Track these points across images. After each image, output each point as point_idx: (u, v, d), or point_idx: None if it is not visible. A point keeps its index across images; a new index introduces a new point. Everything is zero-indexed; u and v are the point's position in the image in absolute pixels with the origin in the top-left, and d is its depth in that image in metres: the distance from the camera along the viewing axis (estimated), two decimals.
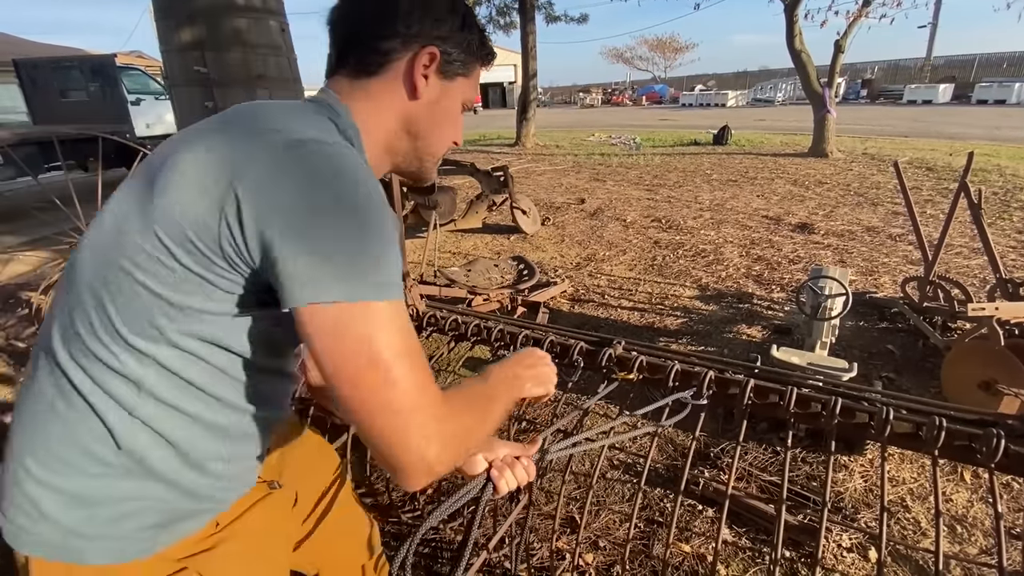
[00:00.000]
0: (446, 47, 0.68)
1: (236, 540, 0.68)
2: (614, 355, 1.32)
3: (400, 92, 0.67)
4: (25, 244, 5.10)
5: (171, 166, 0.55)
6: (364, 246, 0.52)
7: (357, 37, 0.66)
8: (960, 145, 9.54)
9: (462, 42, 0.69)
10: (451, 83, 0.71)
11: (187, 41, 4.99)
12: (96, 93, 8.49)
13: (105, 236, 0.58)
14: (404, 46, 0.66)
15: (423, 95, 0.68)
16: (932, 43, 30.49)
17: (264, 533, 0.73)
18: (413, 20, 0.65)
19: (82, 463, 0.57)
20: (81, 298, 0.58)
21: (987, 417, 1.03)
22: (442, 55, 0.67)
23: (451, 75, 0.70)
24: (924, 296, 2.88)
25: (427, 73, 0.67)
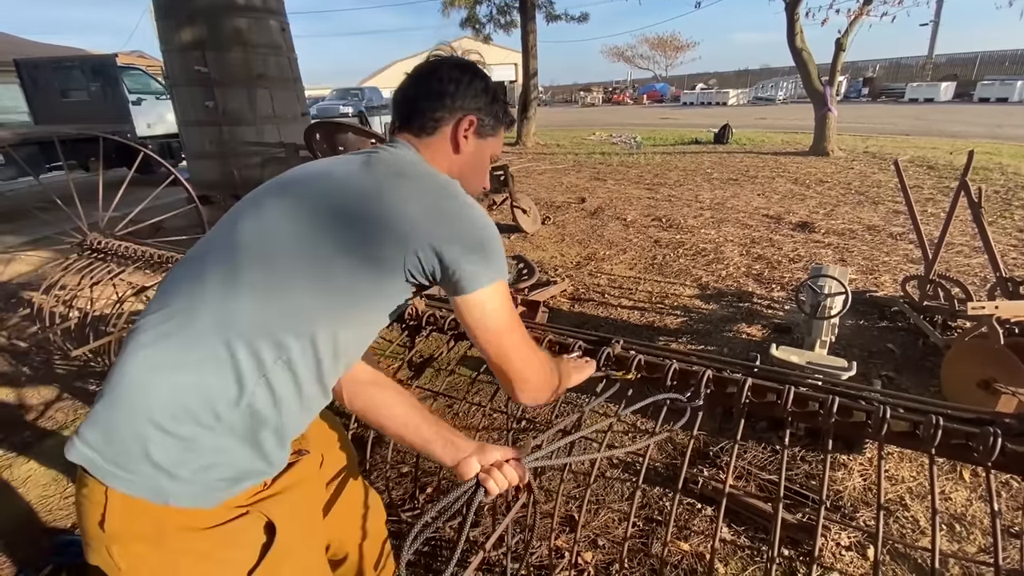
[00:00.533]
0: (481, 116, 0.93)
1: (285, 492, 0.81)
2: (612, 354, 1.32)
3: (449, 148, 0.92)
4: (27, 244, 5.11)
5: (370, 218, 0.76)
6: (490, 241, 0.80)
7: (418, 109, 0.91)
8: (961, 143, 9.52)
9: (492, 112, 0.94)
10: (484, 141, 0.96)
11: (188, 41, 5.00)
12: (97, 93, 8.50)
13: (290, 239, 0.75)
14: (451, 116, 0.91)
15: (464, 151, 0.92)
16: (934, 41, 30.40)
17: (303, 488, 0.86)
18: (458, 99, 0.90)
19: (200, 413, 0.68)
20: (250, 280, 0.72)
21: (984, 416, 1.03)
22: (478, 121, 0.92)
23: (484, 135, 0.95)
24: (924, 295, 2.88)
25: (467, 135, 0.92)
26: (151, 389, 0.68)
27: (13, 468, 2.12)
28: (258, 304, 0.72)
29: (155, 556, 0.69)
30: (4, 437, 2.31)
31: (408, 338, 1.71)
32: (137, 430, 0.67)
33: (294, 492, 0.82)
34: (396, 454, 2.10)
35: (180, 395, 0.68)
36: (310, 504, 0.89)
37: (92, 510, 0.69)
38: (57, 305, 2.72)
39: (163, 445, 0.67)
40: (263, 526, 0.76)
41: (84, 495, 0.70)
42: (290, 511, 0.80)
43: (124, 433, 0.68)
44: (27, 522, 1.84)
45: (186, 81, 5.16)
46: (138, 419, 0.67)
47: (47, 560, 1.66)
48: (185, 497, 0.69)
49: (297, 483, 0.83)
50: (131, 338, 0.72)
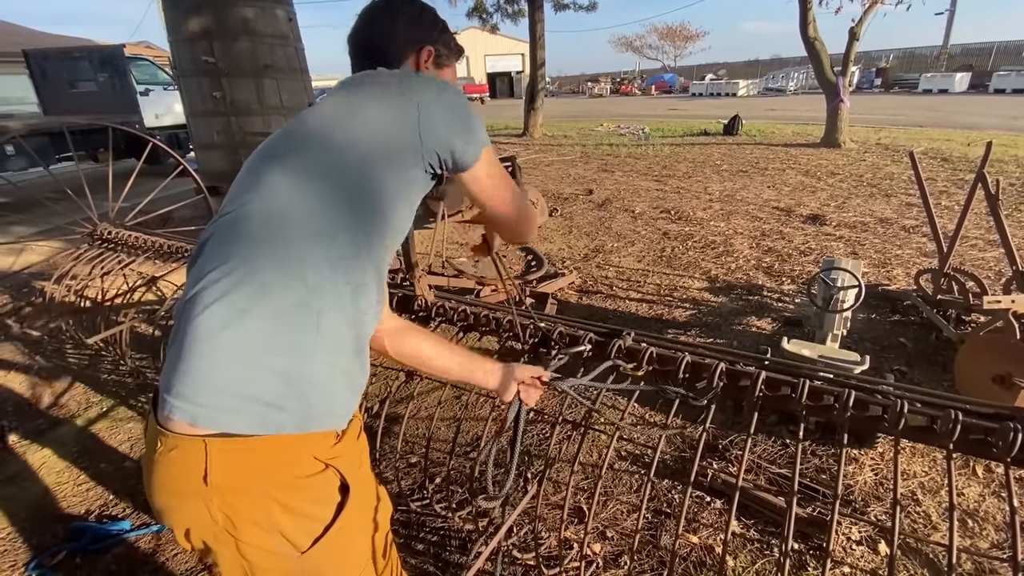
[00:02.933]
0: (436, 46, 0.99)
1: (347, 454, 0.85)
2: (624, 346, 1.31)
3: None
4: (38, 234, 5.15)
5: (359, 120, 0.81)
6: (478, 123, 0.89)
7: (378, 50, 0.95)
8: (977, 135, 9.36)
9: (446, 41, 1.01)
10: (442, 71, 1.01)
11: (195, 31, 4.99)
12: (105, 83, 8.52)
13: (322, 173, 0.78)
14: (411, 48, 0.96)
15: None
16: (949, 30, 29.82)
17: (356, 450, 0.91)
18: (414, 30, 0.97)
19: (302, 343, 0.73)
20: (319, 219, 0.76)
21: (1003, 411, 1.01)
22: (435, 50, 0.98)
23: (441, 65, 1.01)
24: (938, 288, 2.84)
25: (427, 65, 0.98)
26: (235, 337, 0.70)
27: (27, 455, 2.14)
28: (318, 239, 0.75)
29: (252, 505, 0.73)
30: (18, 425, 2.34)
31: None
32: (233, 374, 0.70)
33: (353, 456, 0.87)
34: (405, 444, 2.11)
35: (265, 336, 0.71)
36: (362, 467, 0.93)
37: (192, 467, 0.70)
38: (68, 295, 2.74)
39: (263, 381, 0.71)
40: (338, 485, 0.80)
41: (174, 457, 0.71)
42: (354, 474, 0.84)
43: (220, 379, 0.70)
44: (41, 509, 1.87)
45: (194, 71, 5.15)
46: (232, 364, 0.70)
47: (61, 547, 1.68)
48: (287, 424, 0.72)
49: (352, 448, 0.88)
50: (194, 300, 0.72)
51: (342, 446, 0.84)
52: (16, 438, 2.25)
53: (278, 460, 0.74)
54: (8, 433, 2.27)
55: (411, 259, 1.69)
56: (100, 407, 2.45)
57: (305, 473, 0.77)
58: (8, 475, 2.04)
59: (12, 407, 2.49)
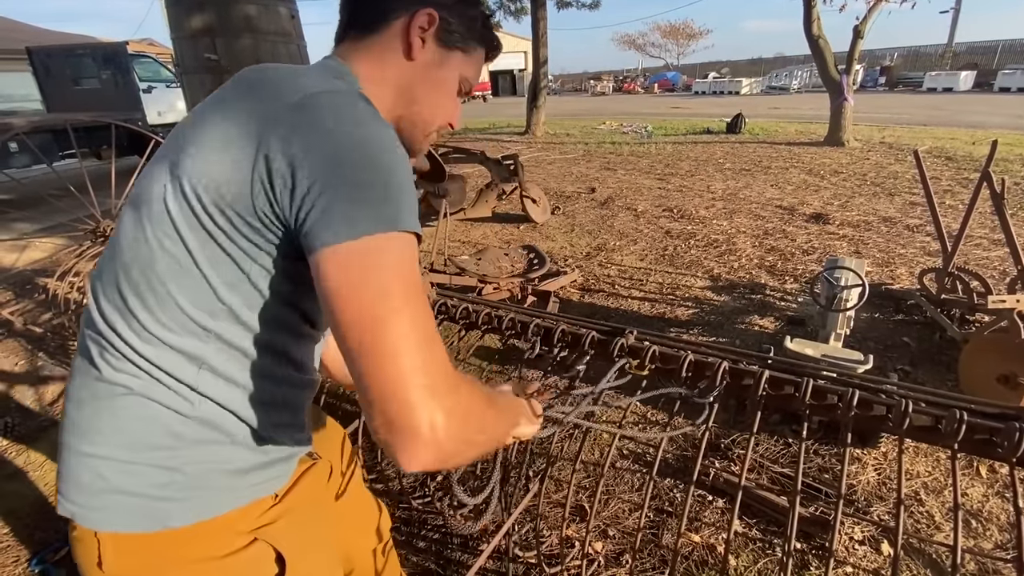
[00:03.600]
0: (446, 14, 0.68)
1: (295, 511, 0.71)
2: (626, 345, 1.31)
3: (398, 51, 0.68)
4: (41, 231, 5.16)
5: (193, 141, 0.56)
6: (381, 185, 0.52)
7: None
8: (982, 134, 9.31)
9: (463, 15, 0.70)
10: (449, 53, 0.71)
11: (198, 28, 4.99)
12: (108, 81, 8.53)
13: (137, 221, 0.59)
14: (403, 5, 0.67)
15: (418, 56, 0.68)
16: (954, 29, 29.71)
17: (315, 503, 0.76)
18: None
19: (156, 436, 0.60)
20: (132, 280, 0.59)
21: (1008, 411, 1.01)
22: (441, 20, 0.68)
23: (449, 44, 0.71)
24: (942, 288, 2.82)
25: (424, 36, 0.68)
26: (93, 428, 0.61)
27: (29, 452, 2.15)
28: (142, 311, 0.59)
29: None
30: (20, 422, 2.35)
31: None
32: (98, 470, 0.60)
33: (304, 511, 0.72)
34: None
35: (123, 430, 0.60)
36: (321, 523, 0.78)
37: (86, 553, 0.63)
38: (72, 291, 2.74)
39: (135, 475, 0.60)
40: (273, 559, 0.67)
41: (76, 539, 0.64)
42: (299, 537, 0.70)
43: (88, 476, 0.61)
44: (44, 505, 1.88)
45: (196, 68, 5.15)
46: (94, 460, 0.60)
47: (63, 543, 1.69)
48: (182, 514, 0.61)
49: (306, 500, 0.74)
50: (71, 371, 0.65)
51: (289, 501, 0.70)
52: (18, 436, 2.26)
53: (184, 544, 0.62)
54: (11, 430, 2.27)
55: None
56: None
57: (223, 551, 0.64)
58: (11, 472, 2.05)
59: (15, 404, 2.50)
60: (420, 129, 0.74)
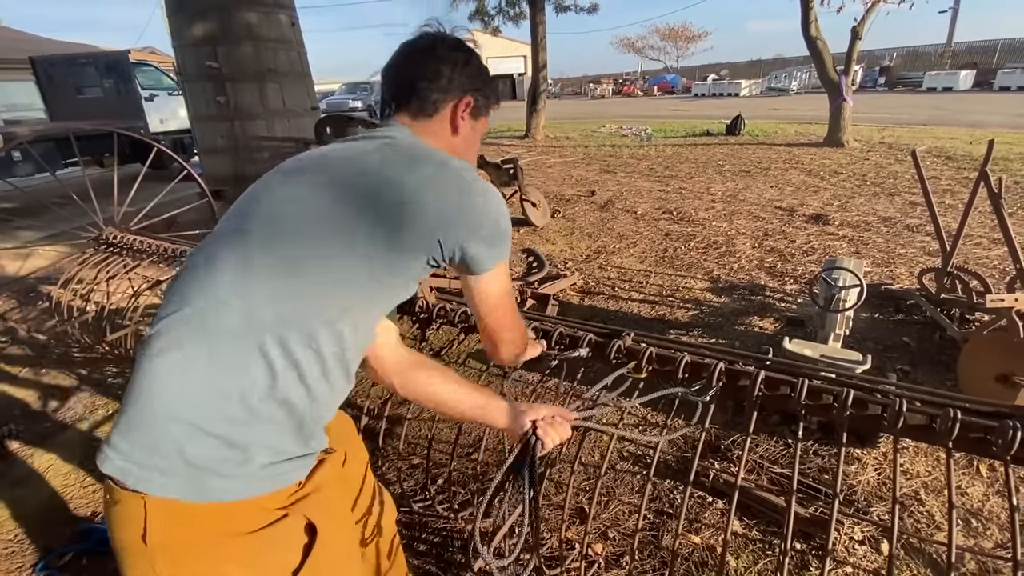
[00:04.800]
0: (477, 95, 0.93)
1: (321, 489, 0.81)
2: (623, 347, 1.32)
3: (447, 129, 0.92)
4: (44, 238, 5.19)
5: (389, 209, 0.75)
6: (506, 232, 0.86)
7: (416, 90, 0.89)
8: (981, 133, 9.30)
9: (486, 92, 0.95)
10: (478, 121, 0.97)
11: (199, 36, 5.03)
12: (111, 89, 8.59)
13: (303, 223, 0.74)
14: (449, 97, 0.90)
15: (461, 132, 0.93)
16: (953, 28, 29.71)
17: (331, 488, 0.85)
18: (455, 81, 0.90)
19: (233, 411, 0.68)
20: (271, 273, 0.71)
21: (1003, 409, 1.01)
22: (474, 102, 0.93)
23: (478, 115, 0.96)
24: (941, 287, 2.83)
25: (464, 115, 0.92)
26: (179, 393, 0.67)
27: (34, 458, 2.16)
28: (277, 295, 0.70)
29: (202, 564, 0.68)
30: (25, 428, 2.36)
31: (419, 331, 1.71)
32: (172, 434, 0.66)
33: (326, 491, 0.81)
34: (407, 446, 2.12)
35: (210, 396, 0.67)
36: (342, 503, 0.89)
37: (131, 524, 0.67)
38: (74, 298, 2.76)
39: (201, 444, 0.67)
40: (304, 527, 0.75)
41: (119, 511, 0.68)
42: (326, 511, 0.79)
43: (158, 438, 0.66)
44: (48, 511, 1.89)
45: (198, 76, 5.19)
46: (171, 423, 0.67)
47: (68, 548, 1.70)
48: (229, 491, 0.68)
49: (327, 482, 0.82)
50: (149, 342, 0.71)
51: (314, 482, 0.80)
52: (23, 441, 2.27)
53: (225, 519, 0.69)
54: (15, 436, 2.29)
55: None
56: (106, 410, 2.47)
57: (259, 525, 0.71)
58: (15, 478, 2.06)
59: (19, 411, 2.51)
60: None
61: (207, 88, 5.24)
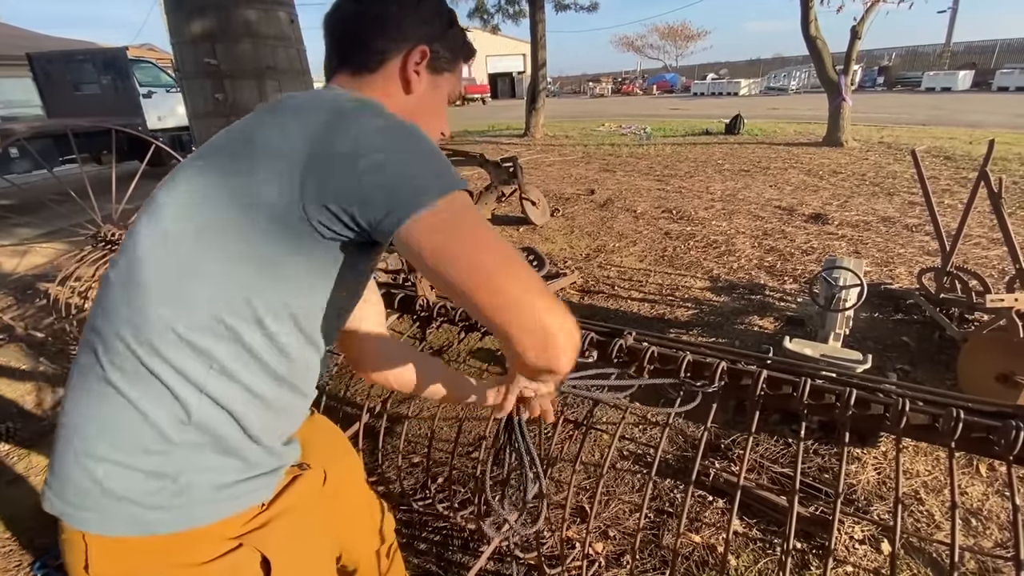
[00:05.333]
0: (435, 46, 0.76)
1: (281, 517, 0.72)
2: (625, 346, 1.31)
3: (397, 86, 0.75)
4: (42, 236, 5.17)
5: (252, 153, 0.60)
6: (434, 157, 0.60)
7: (357, 39, 0.74)
8: (980, 133, 9.32)
9: (448, 41, 0.78)
10: (439, 77, 0.79)
11: (198, 33, 5.00)
12: (108, 86, 8.56)
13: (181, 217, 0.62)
14: (398, 46, 0.74)
15: (415, 89, 0.76)
16: (952, 28, 29.77)
17: (303, 510, 0.77)
18: (406, 24, 0.73)
19: (148, 443, 0.61)
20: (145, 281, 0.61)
21: (1006, 409, 1.01)
22: (431, 53, 0.76)
23: (439, 70, 0.79)
24: (941, 287, 2.83)
25: (419, 69, 0.75)
26: (89, 428, 0.62)
27: (31, 456, 2.15)
28: (163, 308, 0.60)
29: None
30: (21, 426, 2.35)
31: (419, 329, 1.70)
32: (92, 472, 0.61)
33: (292, 517, 0.73)
34: (407, 445, 2.11)
35: (117, 428, 0.61)
36: (311, 528, 0.79)
37: (75, 556, 0.64)
38: (72, 296, 2.75)
39: (125, 480, 0.61)
40: (258, 562, 0.69)
41: (64, 541, 0.65)
42: (287, 542, 0.72)
43: (81, 476, 0.62)
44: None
45: (196, 73, 5.16)
46: (88, 460, 0.61)
47: None
48: (170, 522, 0.62)
49: (295, 506, 0.74)
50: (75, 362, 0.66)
51: (281, 504, 0.72)
52: (19, 440, 2.26)
53: (169, 550, 0.64)
54: (11, 435, 2.28)
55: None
56: None
57: (207, 556, 0.65)
58: (12, 477, 2.05)
59: (16, 409, 2.50)
60: None
61: (205, 85, 5.21)
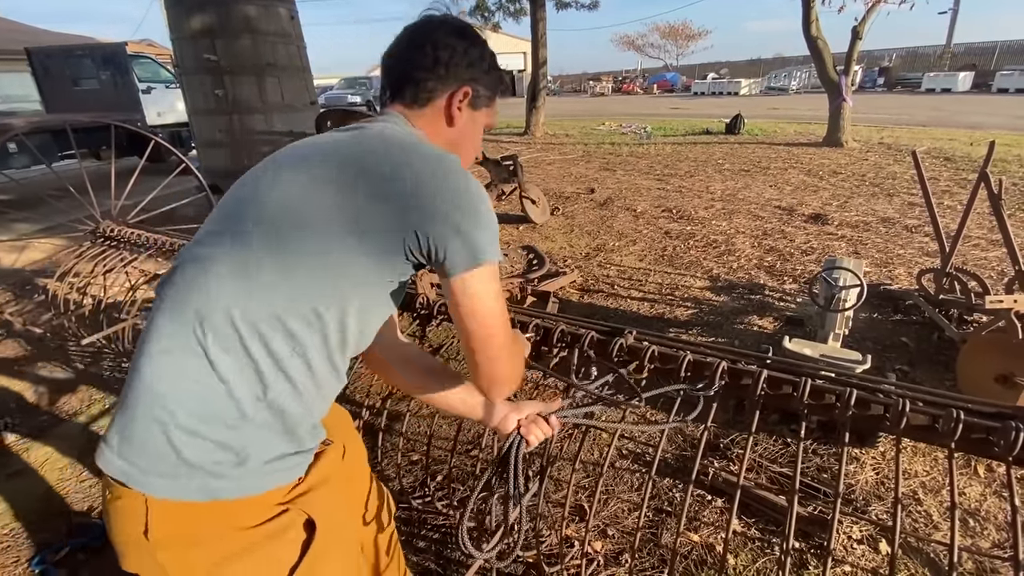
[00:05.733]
0: (476, 86, 0.87)
1: (321, 486, 0.80)
2: (626, 345, 1.31)
3: (441, 120, 0.87)
4: (40, 231, 5.16)
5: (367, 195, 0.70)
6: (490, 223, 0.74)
7: (411, 78, 0.85)
8: (980, 135, 9.33)
9: (488, 81, 0.89)
10: (478, 112, 0.91)
11: (197, 29, 4.99)
12: (108, 81, 8.52)
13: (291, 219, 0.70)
14: (444, 86, 0.85)
15: (457, 123, 0.88)
16: (952, 29, 29.75)
17: (335, 480, 0.85)
18: (452, 67, 0.84)
19: (225, 415, 0.68)
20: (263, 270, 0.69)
21: (1005, 410, 1.01)
22: (473, 92, 0.87)
23: (478, 106, 0.90)
24: (940, 288, 2.83)
25: (461, 106, 0.87)
26: (170, 396, 0.67)
27: (31, 452, 2.15)
28: (266, 294, 0.68)
29: (203, 557, 0.70)
30: (21, 422, 2.35)
31: (419, 327, 1.70)
32: (168, 437, 0.67)
33: (326, 487, 0.81)
34: (407, 442, 2.11)
35: (202, 400, 0.67)
36: (341, 499, 0.88)
37: (132, 520, 0.68)
38: (71, 292, 2.75)
39: (197, 447, 0.67)
40: (303, 523, 0.76)
41: (119, 506, 0.69)
42: (326, 507, 0.79)
43: (155, 441, 0.67)
44: (45, 505, 1.88)
45: (196, 69, 5.16)
46: (166, 427, 0.67)
47: (65, 542, 1.69)
48: (230, 490, 0.69)
49: (327, 478, 0.82)
50: (144, 343, 0.71)
51: (312, 479, 0.80)
52: (19, 435, 2.26)
53: (226, 514, 0.70)
54: (11, 430, 2.28)
55: None
56: (102, 404, 2.46)
57: (260, 520, 0.73)
58: (11, 472, 2.05)
59: (15, 404, 2.50)
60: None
61: (205, 81, 5.20)
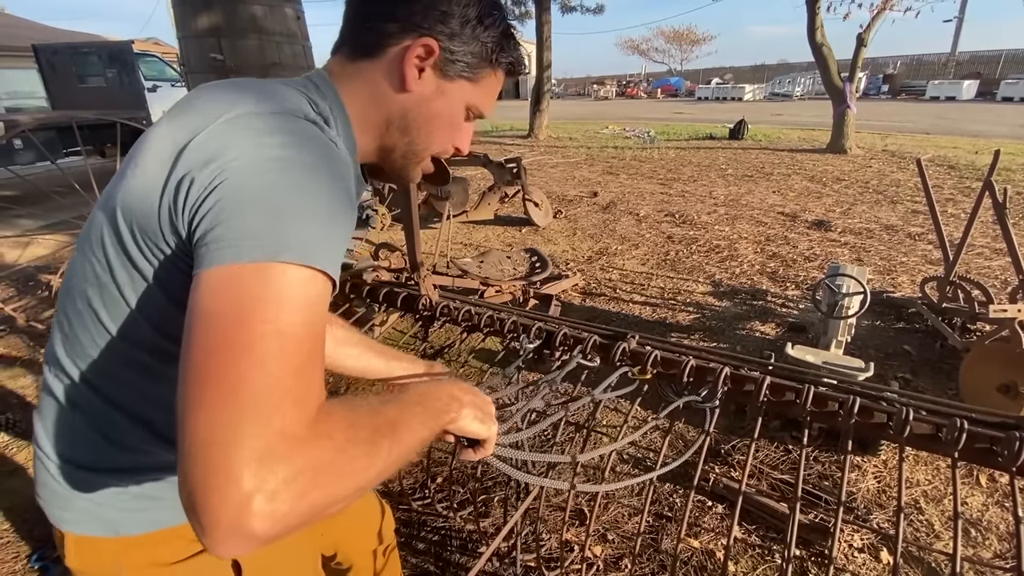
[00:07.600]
0: (449, 44, 0.61)
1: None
2: (628, 349, 1.31)
3: (393, 80, 0.62)
4: (44, 227, 5.17)
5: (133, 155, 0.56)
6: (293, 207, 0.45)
7: (361, 14, 0.63)
8: (984, 143, 9.32)
9: (471, 42, 0.63)
10: (450, 84, 0.64)
11: (204, 28, 5.01)
12: (114, 79, 8.56)
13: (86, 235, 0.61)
14: (402, 32, 0.60)
15: (413, 88, 0.62)
16: (957, 38, 29.81)
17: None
18: (416, 7, 0.60)
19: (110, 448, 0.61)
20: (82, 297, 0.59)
21: (1009, 420, 1.01)
22: (442, 51, 0.61)
23: (451, 75, 0.64)
24: (943, 296, 2.83)
25: (422, 66, 0.61)
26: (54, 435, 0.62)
27: (31, 448, 2.15)
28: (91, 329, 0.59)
29: None
30: (21, 418, 2.35)
31: (422, 329, 1.70)
32: (61, 476, 0.62)
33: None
34: None
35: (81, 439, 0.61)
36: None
37: (60, 549, 0.65)
38: None
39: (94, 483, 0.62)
40: (229, 564, 0.68)
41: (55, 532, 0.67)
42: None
43: (51, 479, 0.63)
44: None
45: (202, 68, 5.17)
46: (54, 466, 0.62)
47: None
48: (135, 524, 0.63)
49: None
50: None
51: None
52: (18, 432, 2.26)
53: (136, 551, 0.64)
54: (11, 426, 2.28)
55: (416, 259, 1.69)
56: None
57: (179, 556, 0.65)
58: (12, 468, 2.05)
59: (15, 400, 2.50)
60: (412, 160, 0.69)
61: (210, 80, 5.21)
